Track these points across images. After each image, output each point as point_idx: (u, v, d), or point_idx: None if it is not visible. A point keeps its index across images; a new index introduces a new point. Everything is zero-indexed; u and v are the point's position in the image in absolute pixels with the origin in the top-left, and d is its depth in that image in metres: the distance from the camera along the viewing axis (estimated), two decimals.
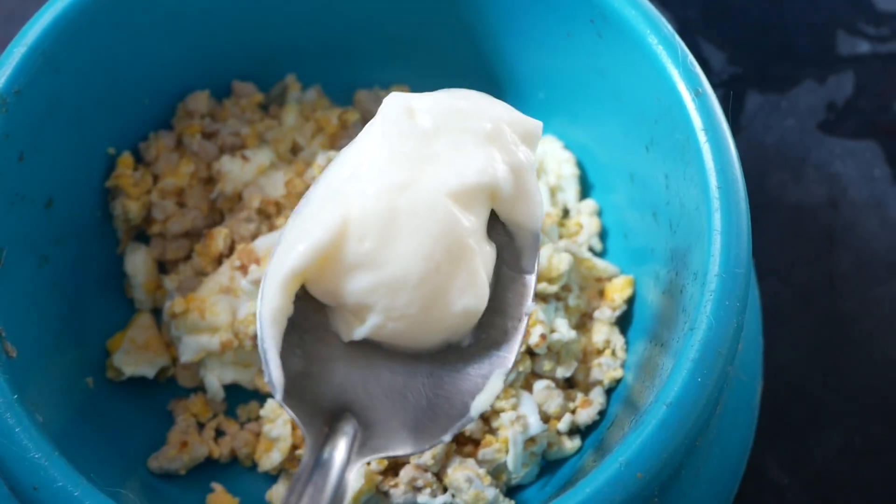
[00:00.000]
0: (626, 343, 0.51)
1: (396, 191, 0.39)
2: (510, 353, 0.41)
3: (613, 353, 0.51)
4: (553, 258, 0.50)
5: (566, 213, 0.55)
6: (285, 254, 0.39)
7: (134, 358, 0.52)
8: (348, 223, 0.39)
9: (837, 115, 0.64)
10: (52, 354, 0.48)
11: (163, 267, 0.54)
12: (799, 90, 0.64)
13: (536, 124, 0.42)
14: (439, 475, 0.48)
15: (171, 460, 0.50)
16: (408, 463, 0.48)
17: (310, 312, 0.40)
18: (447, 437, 0.40)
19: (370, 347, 0.41)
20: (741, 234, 0.42)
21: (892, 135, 0.63)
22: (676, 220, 0.46)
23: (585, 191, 0.55)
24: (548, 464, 0.50)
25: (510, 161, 0.41)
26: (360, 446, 0.39)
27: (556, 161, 0.54)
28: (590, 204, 0.54)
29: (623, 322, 0.52)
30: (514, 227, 0.42)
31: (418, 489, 0.48)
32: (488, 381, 0.40)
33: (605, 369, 0.50)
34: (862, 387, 0.57)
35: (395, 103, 0.41)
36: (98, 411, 0.50)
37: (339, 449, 0.38)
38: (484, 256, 0.40)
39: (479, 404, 0.40)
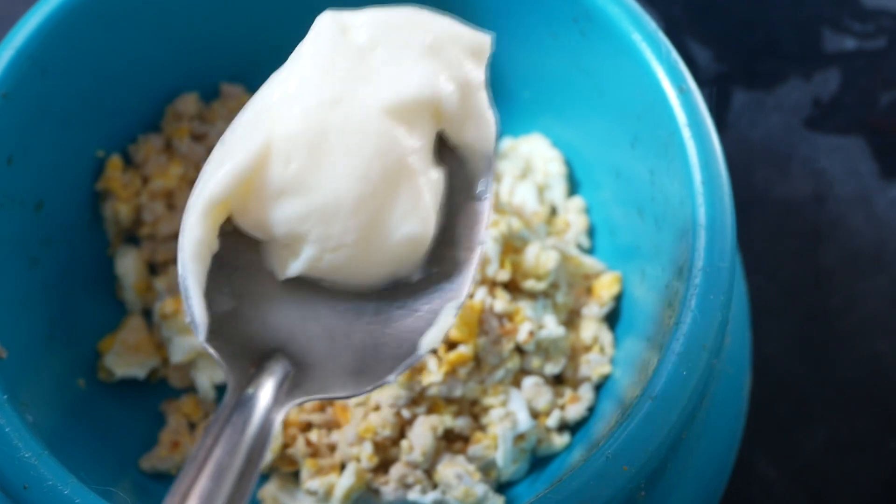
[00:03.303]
0: (615, 339, 0.51)
1: (326, 108, 0.35)
2: (463, 285, 0.37)
3: (602, 350, 0.51)
4: (541, 256, 0.51)
5: (554, 211, 0.55)
6: (205, 182, 0.35)
7: (125, 359, 0.52)
8: (272, 144, 0.35)
9: (823, 112, 0.64)
10: (43, 356, 0.48)
11: (153, 268, 0.55)
12: (785, 87, 0.65)
13: (484, 38, 0.39)
14: (429, 472, 0.49)
15: (163, 460, 0.51)
16: (398, 461, 0.49)
17: (241, 250, 0.37)
18: (392, 378, 0.36)
19: (310, 286, 0.37)
20: (725, 229, 0.42)
21: (877, 131, 0.64)
22: (662, 215, 0.47)
23: (573, 188, 0.55)
24: (537, 460, 0.51)
25: (455, 76, 0.37)
26: (293, 388, 0.35)
27: (543, 159, 0.55)
28: (577, 202, 0.54)
29: (611, 318, 0.52)
30: (465, 150, 0.38)
31: (409, 486, 0.48)
32: (438, 316, 0.36)
33: (594, 365, 0.51)
34: (848, 381, 0.58)
35: (328, 20, 0.37)
36: (89, 412, 0.50)
37: (265, 388, 0.35)
38: (430, 180, 0.36)
39: (429, 341, 0.36)
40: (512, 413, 0.49)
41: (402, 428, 0.49)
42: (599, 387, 0.51)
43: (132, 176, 0.54)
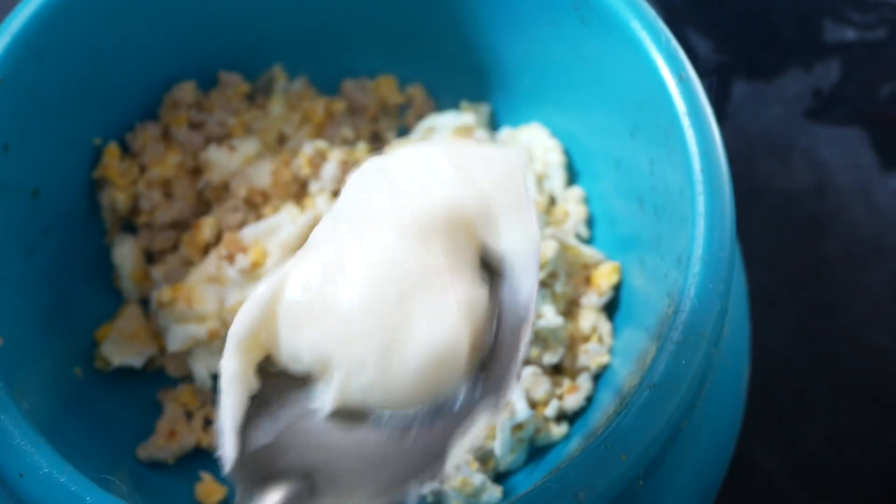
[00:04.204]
0: (613, 329, 0.51)
1: (344, 232, 0.35)
2: (500, 396, 0.34)
3: (600, 340, 0.51)
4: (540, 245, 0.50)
5: (553, 200, 0.55)
6: (236, 318, 0.35)
7: (122, 348, 0.52)
8: (289, 273, 0.35)
9: (824, 103, 0.64)
10: (39, 344, 0.48)
11: (150, 257, 0.54)
12: (785, 78, 0.65)
13: (515, 155, 0.37)
14: None
15: (160, 449, 0.51)
16: None
17: (290, 389, 0.36)
18: (412, 498, 0.34)
19: (357, 420, 0.35)
20: (724, 218, 0.42)
21: (878, 122, 0.63)
22: (661, 205, 0.46)
23: (572, 178, 0.55)
24: (535, 450, 0.50)
25: (480, 187, 0.35)
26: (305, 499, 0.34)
27: (542, 149, 0.55)
28: (576, 191, 0.54)
29: (610, 308, 0.52)
30: (508, 259, 0.35)
31: None
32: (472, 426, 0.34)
33: (592, 355, 0.50)
34: (849, 372, 0.58)
35: (369, 164, 0.37)
36: (86, 401, 0.50)
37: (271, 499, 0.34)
38: (461, 294, 0.34)
39: (455, 455, 0.34)
40: (510, 402, 0.49)
41: None
42: (598, 376, 0.51)
43: (129, 164, 0.53)
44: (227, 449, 0.34)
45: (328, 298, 0.34)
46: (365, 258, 0.34)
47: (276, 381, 0.36)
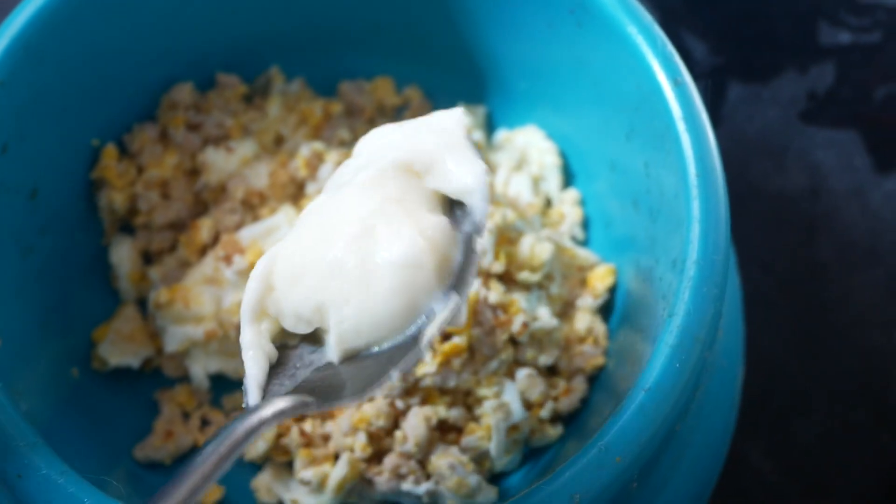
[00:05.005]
0: (608, 331, 0.51)
1: (318, 205, 0.42)
2: (462, 290, 0.40)
3: (595, 341, 0.51)
4: (535, 247, 0.51)
5: (548, 202, 0.55)
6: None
7: (119, 348, 0.52)
8: (278, 252, 0.41)
9: (819, 105, 0.64)
10: (37, 345, 0.48)
11: (148, 258, 0.55)
12: (780, 80, 0.65)
13: (452, 113, 0.44)
14: (423, 463, 0.49)
15: (157, 450, 0.51)
16: (392, 451, 0.49)
17: (304, 356, 0.41)
18: (393, 375, 0.39)
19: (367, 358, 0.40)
20: (719, 222, 0.42)
21: (872, 124, 0.64)
22: (656, 208, 0.47)
23: (568, 180, 0.55)
24: (531, 451, 0.51)
25: (426, 146, 0.42)
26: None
27: (538, 151, 0.55)
28: (572, 193, 0.54)
29: (605, 310, 0.52)
30: (457, 191, 0.42)
31: (402, 476, 0.48)
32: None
33: (588, 357, 0.51)
34: (842, 373, 0.58)
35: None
36: (83, 401, 0.50)
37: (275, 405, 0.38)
38: (417, 220, 0.40)
39: (426, 338, 0.39)
40: (505, 404, 0.49)
41: (396, 418, 0.49)
42: (593, 378, 0.51)
43: (127, 165, 0.53)
44: (252, 400, 0.39)
45: (313, 251, 0.40)
46: (334, 209, 0.41)
47: (294, 352, 0.41)
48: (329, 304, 0.40)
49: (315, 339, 0.42)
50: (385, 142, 0.43)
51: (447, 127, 0.43)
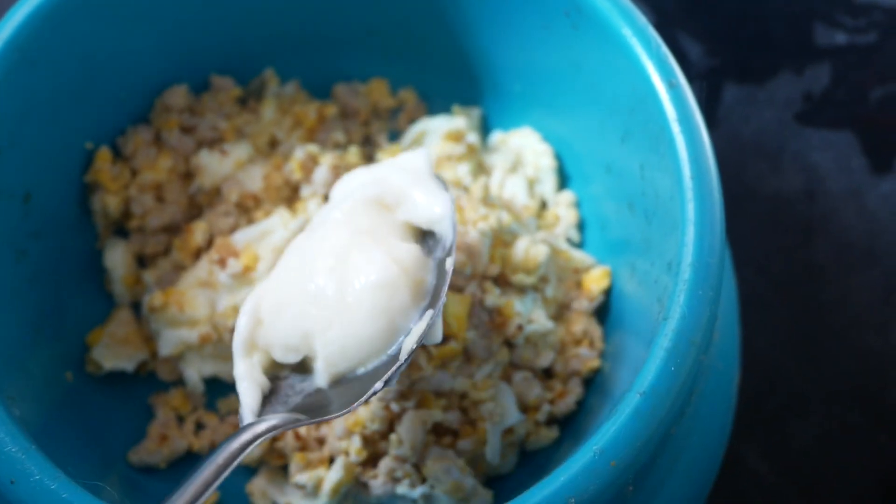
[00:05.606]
0: (604, 334, 0.51)
1: (303, 238, 0.46)
2: (436, 304, 0.44)
3: (591, 344, 0.51)
4: (531, 250, 0.50)
5: (544, 205, 0.55)
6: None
7: (113, 352, 0.52)
8: (265, 284, 0.46)
9: (815, 106, 0.64)
10: (30, 348, 0.48)
11: (142, 261, 0.54)
12: (776, 81, 0.65)
13: (415, 155, 0.48)
14: (418, 466, 0.49)
15: (152, 454, 0.51)
16: (387, 455, 0.49)
17: (295, 385, 0.45)
18: (378, 385, 0.42)
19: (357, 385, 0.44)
20: (714, 224, 0.42)
21: (868, 125, 0.64)
22: (651, 210, 0.47)
23: (563, 182, 0.55)
24: (526, 454, 0.51)
25: (393, 187, 0.46)
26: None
27: (533, 153, 0.55)
28: (567, 195, 0.54)
29: (600, 313, 0.52)
30: (426, 221, 0.46)
31: (397, 480, 0.48)
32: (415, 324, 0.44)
33: (583, 360, 0.51)
34: (839, 375, 0.58)
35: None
36: (77, 405, 0.50)
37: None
38: (388, 247, 0.44)
39: (406, 350, 0.43)
40: (501, 407, 0.49)
41: (391, 422, 0.49)
42: (588, 381, 0.51)
43: (121, 168, 0.53)
44: (246, 421, 0.43)
45: (295, 284, 0.44)
46: (311, 246, 0.45)
47: (285, 382, 0.45)
48: (314, 330, 0.43)
49: (304, 368, 0.45)
50: (357, 183, 0.47)
51: (415, 165, 0.47)
